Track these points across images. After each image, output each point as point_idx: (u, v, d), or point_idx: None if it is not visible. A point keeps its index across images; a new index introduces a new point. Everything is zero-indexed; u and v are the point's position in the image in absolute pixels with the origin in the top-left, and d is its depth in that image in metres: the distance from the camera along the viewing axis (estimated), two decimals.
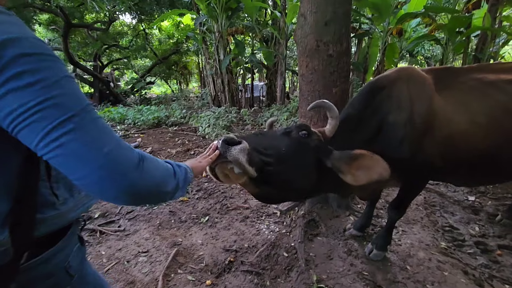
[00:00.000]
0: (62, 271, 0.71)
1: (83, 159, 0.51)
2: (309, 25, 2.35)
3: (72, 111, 0.51)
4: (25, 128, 0.49)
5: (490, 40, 5.72)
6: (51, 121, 0.49)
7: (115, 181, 0.54)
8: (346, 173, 1.25)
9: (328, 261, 2.04)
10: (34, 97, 0.48)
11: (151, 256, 2.13)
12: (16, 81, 0.47)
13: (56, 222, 0.68)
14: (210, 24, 7.57)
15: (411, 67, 1.76)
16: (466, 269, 1.94)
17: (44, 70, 0.50)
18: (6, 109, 0.48)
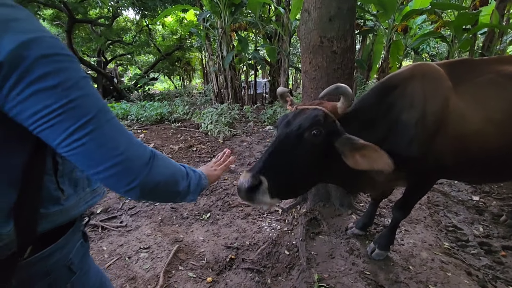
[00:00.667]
0: (63, 268, 0.71)
1: (100, 158, 0.56)
2: (313, 21, 2.31)
3: (91, 114, 0.55)
4: (48, 129, 0.52)
5: (497, 37, 5.63)
6: (72, 123, 0.53)
7: (127, 177, 0.60)
8: (348, 156, 1.28)
9: (329, 260, 2.02)
10: (57, 100, 0.51)
11: (153, 252, 2.13)
12: (40, 83, 0.49)
13: (59, 218, 0.68)
14: (213, 20, 7.53)
15: (427, 63, 1.68)
16: (469, 270, 1.91)
17: (65, 72, 0.52)
18: (30, 110, 0.50)
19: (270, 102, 8.84)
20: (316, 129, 1.28)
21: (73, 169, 0.70)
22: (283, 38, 7.69)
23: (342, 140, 1.29)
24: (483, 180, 2.09)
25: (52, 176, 0.66)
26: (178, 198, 0.76)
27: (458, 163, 1.59)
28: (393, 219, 1.94)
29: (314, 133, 1.28)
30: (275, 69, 8.65)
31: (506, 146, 1.55)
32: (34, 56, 0.49)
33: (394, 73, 1.69)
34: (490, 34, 5.65)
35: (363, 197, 2.82)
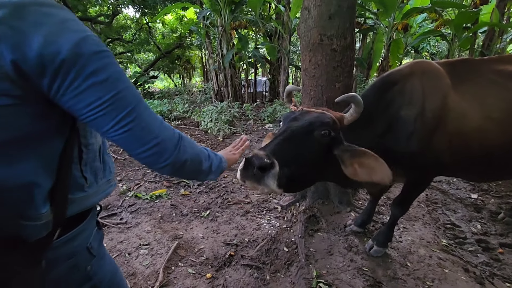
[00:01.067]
0: (84, 251, 0.77)
1: (142, 140, 0.66)
2: (313, 18, 2.32)
3: (133, 103, 0.64)
4: (100, 117, 0.60)
5: (497, 36, 5.64)
6: (120, 112, 0.61)
7: (162, 155, 0.70)
8: (347, 165, 1.26)
9: (328, 256, 2.04)
10: (107, 92, 0.59)
11: (152, 248, 2.15)
12: (93, 78, 0.56)
13: (83, 204, 0.74)
14: (213, 18, 7.52)
15: (426, 61, 1.70)
16: (467, 267, 1.93)
17: (111, 67, 0.60)
18: (85, 102, 0.57)
19: (270, 101, 8.85)
20: (326, 129, 1.27)
21: (94, 159, 0.75)
22: (283, 36, 7.68)
23: (342, 148, 1.29)
24: (481, 178, 2.10)
25: (77, 165, 0.71)
26: (201, 176, 0.87)
27: (456, 160, 1.60)
28: (391, 216, 1.96)
29: (323, 133, 1.26)
30: (275, 68, 8.64)
31: (504, 145, 1.56)
32: (88, 54, 0.55)
33: (393, 70, 1.70)
34: (490, 33, 5.65)
35: (362, 195, 2.83)
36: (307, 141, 1.26)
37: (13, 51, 0.49)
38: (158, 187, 3.14)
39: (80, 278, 0.77)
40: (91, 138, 0.72)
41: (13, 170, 0.57)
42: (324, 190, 2.66)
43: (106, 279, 0.83)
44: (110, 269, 0.87)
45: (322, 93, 2.36)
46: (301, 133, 1.27)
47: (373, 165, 1.22)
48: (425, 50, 11.45)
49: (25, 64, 0.50)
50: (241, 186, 3.15)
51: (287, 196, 2.83)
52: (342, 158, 1.28)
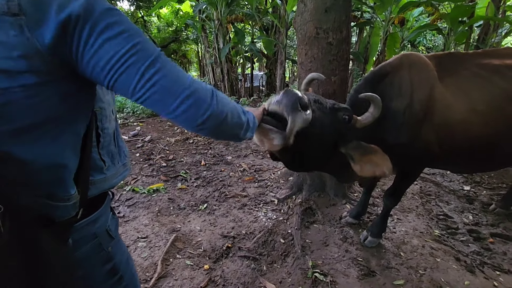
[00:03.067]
0: (105, 232, 0.80)
1: (174, 92, 0.61)
2: (309, 12, 2.32)
3: (154, 53, 0.59)
4: (123, 74, 0.57)
5: (492, 30, 5.66)
6: (143, 63, 0.57)
7: (200, 107, 0.64)
8: (357, 162, 1.27)
9: (323, 247, 2.08)
10: (125, 44, 0.56)
11: (150, 241, 2.17)
12: (108, 32, 0.54)
13: (102, 186, 0.76)
14: (209, 11, 7.45)
15: (415, 53, 1.74)
16: (458, 256, 1.98)
17: (125, 22, 0.57)
18: (105, 58, 0.55)
19: (266, 95, 8.84)
20: (348, 114, 1.27)
21: (110, 143, 0.77)
22: (280, 30, 7.63)
23: (353, 145, 1.29)
24: (469, 169, 2.16)
25: (96, 148, 0.72)
26: (242, 132, 0.79)
27: (444, 151, 1.64)
28: (384, 207, 2.00)
29: (345, 117, 1.26)
30: (271, 62, 8.62)
31: (489, 137, 1.61)
32: (100, 9, 0.54)
33: (384, 63, 1.74)
34: (485, 27, 5.67)
35: (357, 187, 2.87)
36: (331, 118, 1.23)
37: (37, 24, 0.49)
38: (155, 181, 3.16)
39: (103, 257, 0.80)
40: (106, 122, 0.74)
41: (43, 151, 0.58)
42: (320, 183, 2.69)
43: (123, 261, 0.87)
44: (125, 252, 0.92)
45: (318, 86, 2.37)
46: (329, 108, 1.24)
47: (379, 161, 1.25)
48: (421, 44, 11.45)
49: (49, 35, 0.50)
50: (238, 180, 3.18)
51: (284, 189, 2.86)
52: (352, 156, 1.28)
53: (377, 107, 1.32)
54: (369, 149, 1.28)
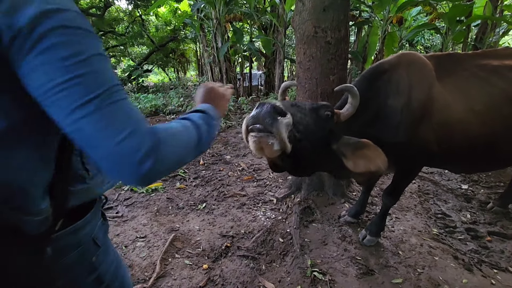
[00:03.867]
0: (90, 241, 0.76)
1: (95, 145, 0.51)
2: (307, 11, 2.32)
3: (94, 93, 0.50)
4: (52, 106, 0.50)
5: (490, 29, 5.68)
6: (74, 100, 0.49)
7: (124, 170, 0.53)
8: (349, 158, 1.28)
9: (322, 246, 2.08)
10: (64, 73, 0.48)
11: (149, 241, 2.17)
12: (50, 53, 0.47)
13: (84, 196, 0.73)
14: (207, 10, 7.42)
15: (413, 53, 1.75)
16: (456, 254, 1.99)
17: (78, 45, 0.50)
18: (36, 82, 0.49)
19: (265, 94, 8.83)
20: (329, 110, 1.30)
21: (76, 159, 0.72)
22: (278, 30, 7.62)
23: (343, 140, 1.30)
24: (467, 169, 2.16)
25: (78, 157, 0.69)
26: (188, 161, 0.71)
27: (443, 150, 1.65)
28: (383, 205, 2.01)
29: (327, 113, 1.30)
30: (270, 61, 8.60)
31: (486, 137, 1.62)
32: (52, 25, 0.47)
33: (382, 60, 1.74)
34: (483, 26, 5.69)
35: (356, 186, 2.87)
36: (313, 117, 1.27)
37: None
38: None
39: (87, 268, 0.76)
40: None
41: (5, 161, 0.54)
42: (319, 182, 2.69)
43: (110, 271, 0.83)
44: (114, 261, 0.87)
45: (317, 85, 2.37)
46: (308, 109, 1.28)
47: (372, 155, 1.25)
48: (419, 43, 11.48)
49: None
50: (237, 179, 3.18)
51: (283, 188, 2.86)
52: (343, 152, 1.29)
53: (354, 96, 1.34)
54: (360, 144, 1.28)
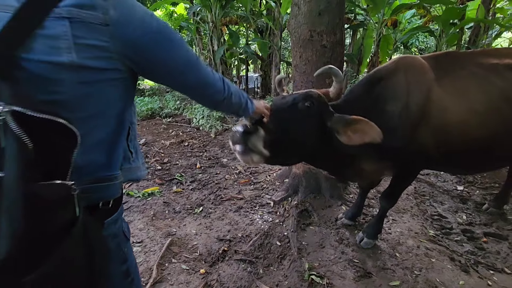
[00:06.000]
0: (122, 233, 0.84)
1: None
2: (303, 15, 2.33)
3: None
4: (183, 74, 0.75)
5: (483, 32, 5.75)
6: (192, 63, 0.78)
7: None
8: (341, 134, 1.36)
9: (320, 249, 2.08)
10: (184, 51, 0.76)
11: (145, 246, 2.15)
12: (167, 45, 0.70)
13: (128, 175, 0.81)
14: (203, 14, 7.43)
15: (411, 56, 1.76)
16: (452, 256, 2.00)
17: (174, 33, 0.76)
18: (170, 64, 0.72)
19: (261, 97, 8.84)
20: (309, 101, 1.39)
21: (135, 137, 0.84)
22: (274, 33, 7.65)
23: (335, 119, 1.39)
24: (466, 170, 2.18)
25: (126, 138, 0.79)
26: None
27: (441, 153, 1.65)
28: (380, 208, 2.01)
29: (307, 105, 1.38)
30: (266, 64, 8.62)
31: (487, 137, 1.62)
32: (161, 29, 0.68)
33: (380, 66, 1.76)
34: (476, 29, 5.76)
35: (353, 189, 2.88)
36: (292, 112, 1.39)
37: (120, 35, 0.60)
38: (150, 184, 3.13)
39: (121, 257, 0.84)
40: (134, 118, 0.81)
41: (105, 134, 0.68)
42: (316, 184, 2.70)
43: (134, 264, 0.91)
44: (134, 257, 0.95)
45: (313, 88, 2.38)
46: (285, 106, 1.40)
47: (365, 128, 1.32)
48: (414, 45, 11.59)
49: (127, 45, 0.61)
50: (234, 183, 3.17)
51: (280, 191, 2.86)
52: (336, 128, 1.38)
53: (336, 73, 1.43)
54: (350, 120, 1.35)
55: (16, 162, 0.46)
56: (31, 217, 0.47)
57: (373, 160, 1.70)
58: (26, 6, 0.49)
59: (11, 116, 0.44)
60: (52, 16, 0.51)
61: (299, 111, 1.39)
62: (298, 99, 1.41)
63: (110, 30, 0.57)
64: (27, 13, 0.49)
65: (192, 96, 0.85)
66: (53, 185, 0.51)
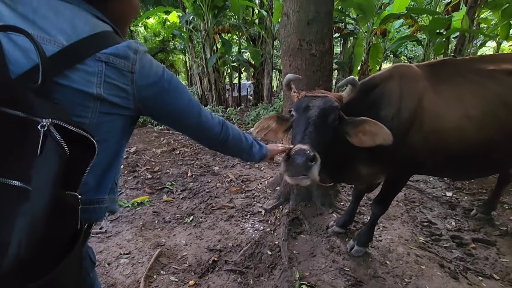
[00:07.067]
0: (88, 257, 0.86)
1: None
2: (292, 24, 2.37)
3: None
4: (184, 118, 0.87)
5: (468, 41, 5.92)
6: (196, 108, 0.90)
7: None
8: (352, 136, 1.43)
9: (311, 258, 2.06)
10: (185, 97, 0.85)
11: (133, 257, 2.10)
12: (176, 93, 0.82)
13: (110, 205, 0.83)
14: (196, 22, 7.48)
15: (405, 65, 1.81)
16: (442, 263, 2.01)
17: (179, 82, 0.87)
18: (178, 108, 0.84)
19: (254, 104, 8.87)
20: (337, 113, 1.43)
21: (119, 170, 0.87)
22: (266, 41, 7.74)
23: (346, 122, 1.44)
24: (459, 175, 2.21)
25: (116, 168, 0.83)
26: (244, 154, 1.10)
27: (435, 158, 1.68)
28: (372, 215, 2.02)
29: (335, 118, 1.43)
30: (259, 72, 8.69)
31: (482, 142, 1.64)
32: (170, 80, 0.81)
33: (375, 74, 1.80)
34: (461, 38, 5.93)
35: (344, 196, 2.89)
36: (326, 128, 1.41)
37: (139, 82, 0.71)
38: (140, 194, 3.08)
39: (88, 281, 0.84)
40: (122, 151, 0.85)
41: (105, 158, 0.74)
42: (307, 192, 2.69)
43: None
44: (97, 281, 0.94)
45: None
46: (320, 122, 1.40)
47: (374, 129, 1.38)
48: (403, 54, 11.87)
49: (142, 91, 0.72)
50: (225, 191, 3.14)
51: (271, 199, 2.85)
52: (347, 131, 1.44)
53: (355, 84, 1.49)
54: (359, 121, 1.42)
55: (53, 168, 0.52)
56: (50, 224, 0.51)
57: (369, 163, 1.75)
58: (73, 47, 0.61)
59: (53, 127, 0.53)
60: (93, 58, 0.63)
61: (330, 125, 1.42)
62: (327, 111, 1.41)
63: (133, 77, 0.69)
64: (73, 52, 0.61)
65: (191, 136, 0.96)
66: (71, 195, 0.58)
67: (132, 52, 0.69)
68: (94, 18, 0.68)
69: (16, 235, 0.46)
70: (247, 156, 1.10)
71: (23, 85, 0.55)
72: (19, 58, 0.57)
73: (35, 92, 0.54)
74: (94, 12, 0.69)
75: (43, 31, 0.59)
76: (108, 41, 0.66)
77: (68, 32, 0.61)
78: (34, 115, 0.51)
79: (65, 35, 0.61)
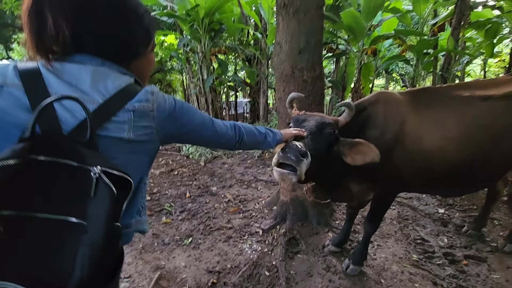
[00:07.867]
0: None
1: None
2: (285, 53, 2.53)
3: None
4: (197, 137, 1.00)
5: (454, 60, 6.20)
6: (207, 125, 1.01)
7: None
8: (347, 155, 1.57)
9: (308, 278, 2.11)
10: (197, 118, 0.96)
11: (134, 281, 2.13)
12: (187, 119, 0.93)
13: (139, 226, 0.93)
14: (193, 44, 7.75)
15: (389, 92, 1.99)
16: (435, 280, 2.07)
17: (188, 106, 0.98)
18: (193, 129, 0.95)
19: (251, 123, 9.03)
20: (332, 128, 1.58)
21: (145, 195, 0.96)
22: (261, 62, 8.01)
23: (342, 142, 1.61)
24: (445, 193, 2.33)
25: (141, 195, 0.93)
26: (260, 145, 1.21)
27: (419, 177, 1.82)
28: (364, 233, 2.09)
29: (330, 131, 1.57)
30: (255, 90, 8.91)
31: (462, 162, 1.80)
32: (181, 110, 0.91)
33: (364, 98, 1.98)
34: (448, 57, 6.21)
35: (339, 215, 2.96)
36: (320, 137, 1.54)
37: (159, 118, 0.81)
38: None
39: None
40: (146, 178, 0.94)
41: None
42: (303, 212, 2.76)
43: None
44: None
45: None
46: (315, 130, 1.54)
47: (366, 149, 1.53)
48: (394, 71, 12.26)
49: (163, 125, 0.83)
50: (223, 212, 3.20)
51: (268, 219, 2.91)
52: (342, 151, 1.59)
53: (351, 109, 1.64)
54: (354, 142, 1.58)
55: (106, 206, 0.64)
56: (104, 250, 0.62)
57: (359, 181, 1.88)
58: (107, 103, 0.73)
59: (103, 173, 0.63)
60: (123, 110, 0.74)
61: (323, 137, 1.56)
62: (324, 125, 1.57)
63: (153, 114, 0.80)
64: (108, 107, 0.73)
65: (212, 145, 1.08)
66: (117, 225, 0.68)
67: (150, 94, 0.80)
68: (120, 74, 0.80)
69: (79, 261, 0.56)
70: (264, 145, 1.22)
71: (73, 139, 0.67)
72: (68, 118, 0.69)
73: (84, 144, 0.65)
74: (120, 69, 0.82)
75: (84, 93, 0.72)
76: (133, 92, 0.78)
77: (102, 91, 0.74)
78: (86, 164, 0.62)
79: (100, 94, 0.73)
